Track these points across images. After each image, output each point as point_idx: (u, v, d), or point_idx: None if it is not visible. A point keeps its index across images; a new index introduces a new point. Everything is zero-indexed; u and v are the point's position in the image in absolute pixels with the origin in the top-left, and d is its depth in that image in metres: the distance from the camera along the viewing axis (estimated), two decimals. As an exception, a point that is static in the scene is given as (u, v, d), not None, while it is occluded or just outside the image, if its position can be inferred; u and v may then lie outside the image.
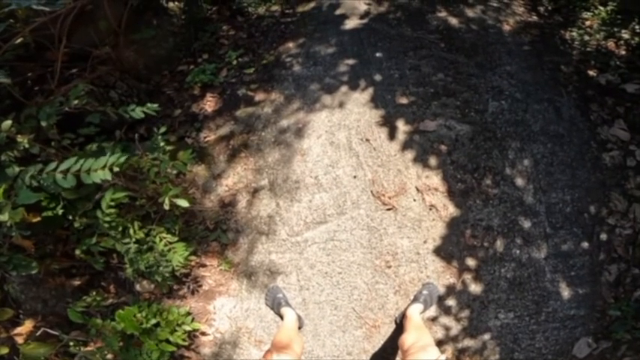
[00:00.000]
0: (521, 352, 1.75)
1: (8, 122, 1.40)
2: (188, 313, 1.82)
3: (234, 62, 2.44)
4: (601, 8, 2.85)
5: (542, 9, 2.91)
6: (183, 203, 1.55)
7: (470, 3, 2.81)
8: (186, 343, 1.75)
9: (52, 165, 1.24)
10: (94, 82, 2.20)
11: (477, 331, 1.79)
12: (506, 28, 2.70)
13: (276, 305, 1.83)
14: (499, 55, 2.49)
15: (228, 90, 2.37)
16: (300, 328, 1.79)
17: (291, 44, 2.52)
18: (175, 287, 1.92)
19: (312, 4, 2.78)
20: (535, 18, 2.83)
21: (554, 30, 2.74)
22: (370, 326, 1.82)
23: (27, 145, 1.46)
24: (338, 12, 2.70)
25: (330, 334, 1.84)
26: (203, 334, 1.87)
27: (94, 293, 1.77)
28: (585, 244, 1.92)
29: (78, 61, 2.22)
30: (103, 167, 1.24)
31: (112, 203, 1.51)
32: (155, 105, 1.58)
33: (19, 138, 1.47)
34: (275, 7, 2.77)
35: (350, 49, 2.45)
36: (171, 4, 2.59)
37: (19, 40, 1.70)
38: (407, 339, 1.38)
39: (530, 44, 2.61)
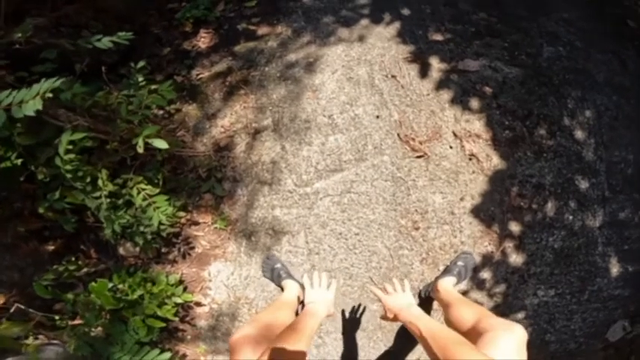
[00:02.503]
0: (554, 333, 1.52)
1: None
2: (180, 282, 1.54)
3: (234, -5, 2.09)
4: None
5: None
6: (161, 144, 1.22)
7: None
8: (176, 318, 1.48)
9: None
10: (60, 21, 1.87)
11: (511, 310, 1.51)
12: (560, -29, 2.33)
13: (275, 277, 1.50)
14: (553, 1, 2.13)
15: (226, 25, 2.02)
16: (301, 303, 1.44)
17: (302, -26, 2.15)
18: (164, 250, 1.62)
19: None
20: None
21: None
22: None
23: None
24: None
25: (343, 307, 1.51)
26: (198, 304, 1.58)
27: (65, 262, 1.50)
28: None
29: (42, 3, 1.88)
30: (35, 97, 0.97)
31: (71, 147, 1.19)
32: (128, 34, 1.25)
33: None
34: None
35: (372, -20, 2.08)
36: None
37: None
38: (463, 316, 1.07)
39: None
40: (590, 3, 2.18)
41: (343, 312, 1.53)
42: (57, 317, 1.34)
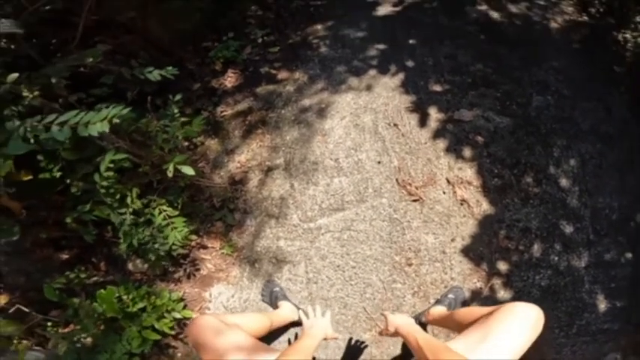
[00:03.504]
0: None
1: (14, 75, 1.29)
2: (180, 299, 1.64)
3: (260, 40, 2.34)
4: (656, 13, 2.63)
5: (593, 10, 2.70)
6: (188, 171, 1.40)
7: (513, -2, 2.64)
8: (173, 332, 1.57)
9: (51, 117, 1.12)
10: (117, 49, 2.12)
11: None
12: (554, 25, 2.52)
13: (273, 300, 1.64)
14: (545, 50, 2.30)
15: (251, 67, 2.26)
16: (295, 324, 1.58)
17: (319, 26, 2.40)
18: (170, 269, 1.76)
19: (344, -10, 2.67)
20: (585, 18, 2.63)
21: (605, 31, 2.53)
22: (382, 330, 1.60)
23: (31, 99, 1.35)
24: (371, -2, 2.58)
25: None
26: None
27: (77, 270, 1.61)
28: (629, 255, 1.72)
29: (105, 30, 2.15)
30: (103, 120, 1.11)
31: (112, 165, 1.36)
32: (174, 69, 1.45)
33: (25, 92, 1.37)
34: (306, -10, 2.67)
35: (381, 34, 2.31)
36: (201, -20, 2.53)
37: (48, 7, 1.63)
38: (473, 311, 1.14)
39: (579, 43, 2.41)
40: (580, 50, 2.34)
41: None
42: (49, 324, 1.38)
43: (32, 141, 1.12)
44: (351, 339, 1.63)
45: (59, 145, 1.26)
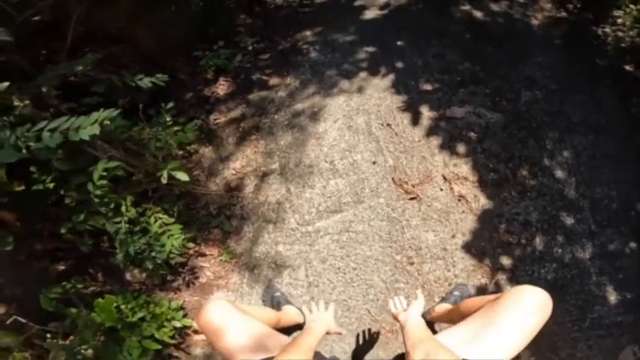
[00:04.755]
0: None
1: (5, 84, 1.28)
2: (180, 308, 1.61)
3: (250, 48, 2.36)
4: (632, 6, 2.71)
5: (570, 6, 2.78)
6: (182, 177, 1.38)
7: (495, -3, 2.70)
8: (173, 342, 1.53)
9: (42, 124, 1.11)
10: (107, 59, 2.12)
11: None
12: (535, 22, 2.58)
13: (275, 305, 1.61)
14: (529, 47, 2.35)
15: (242, 74, 2.27)
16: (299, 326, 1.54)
17: (308, 32, 2.42)
18: (169, 278, 1.73)
19: (331, -4, 2.71)
20: (564, 14, 2.71)
21: (585, 26, 2.60)
22: (386, 331, 1.58)
23: (22, 109, 1.34)
24: (357, 3, 2.62)
25: (340, 338, 1.60)
26: (195, 332, 1.65)
27: (74, 280, 1.57)
28: (633, 245, 1.70)
29: (94, 40, 2.15)
30: (93, 123, 1.10)
31: (105, 174, 1.34)
32: (164, 76, 1.45)
33: (16, 102, 1.35)
34: (293, -2, 2.71)
35: (370, 37, 2.34)
36: (189, -11, 2.55)
37: (37, 18, 1.63)
38: (477, 300, 1.11)
39: (561, 38, 2.47)
40: (562, 46, 2.39)
41: (339, 342, 1.62)
42: (48, 335, 1.36)
43: (24, 151, 1.10)
44: (358, 335, 1.59)
45: (52, 155, 1.24)
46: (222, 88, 2.25)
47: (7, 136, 1.12)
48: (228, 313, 1.02)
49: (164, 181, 1.38)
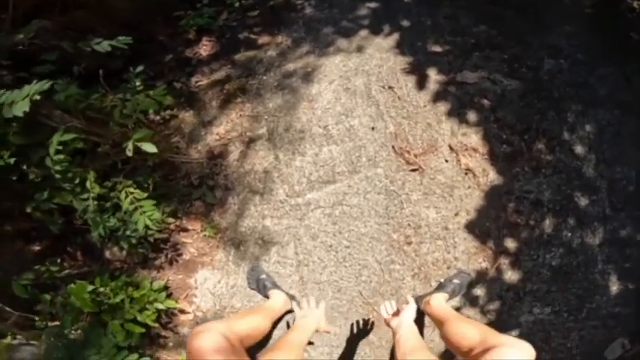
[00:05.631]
0: (549, 351, 1.48)
1: None
2: (165, 288, 1.53)
3: (237, 5, 2.11)
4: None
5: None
6: (150, 148, 1.21)
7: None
8: (156, 324, 1.45)
9: None
10: (67, 25, 1.91)
11: (505, 328, 1.47)
12: (563, -14, 2.31)
13: (262, 288, 1.50)
14: (555, 15, 2.11)
15: (228, 34, 2.04)
16: (288, 312, 1.45)
17: (304, -13, 2.17)
18: (151, 256, 1.61)
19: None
20: (597, -19, 2.43)
21: (619, -3, 2.34)
22: (379, 315, 1.45)
23: None
24: (361, -43, 2.35)
25: (330, 320, 1.48)
26: (182, 311, 1.56)
27: (48, 263, 1.50)
28: None
29: (51, 7, 1.93)
30: (24, 98, 1.00)
31: (61, 148, 1.19)
32: (127, 38, 1.26)
33: None
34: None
35: (373, -8, 2.09)
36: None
37: None
38: (466, 333, 1.02)
39: (592, 7, 2.22)
40: (593, 16, 2.16)
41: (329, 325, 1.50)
42: (36, 318, 1.33)
43: None
44: (352, 325, 1.50)
45: (7, 129, 1.18)
46: (205, 48, 2.03)
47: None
48: (221, 348, 0.91)
49: (129, 153, 1.22)
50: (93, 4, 1.98)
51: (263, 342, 1.33)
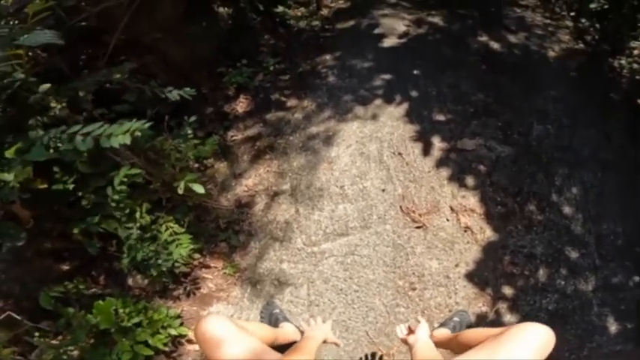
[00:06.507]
0: None
1: (47, 85, 1.32)
2: (178, 316, 1.62)
3: (271, 68, 2.46)
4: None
5: (588, 37, 2.81)
6: (199, 189, 1.45)
7: (512, 30, 2.75)
8: (166, 349, 1.54)
9: (76, 127, 1.15)
10: (139, 69, 2.21)
11: None
12: (551, 54, 2.62)
13: (273, 322, 1.62)
14: (544, 79, 2.39)
15: (262, 93, 2.36)
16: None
17: (327, 56, 2.52)
18: (171, 286, 1.74)
19: (351, 22, 2.81)
20: (581, 46, 2.74)
21: (601, 57, 2.64)
22: (383, 354, 1.60)
23: (58, 111, 1.40)
24: (376, 31, 2.71)
25: (336, 359, 1.62)
26: (189, 341, 1.65)
27: (76, 281, 1.59)
28: (637, 278, 1.72)
29: (130, 49, 2.26)
30: (125, 133, 1.14)
31: (125, 180, 1.41)
32: (192, 90, 1.48)
33: (53, 103, 1.43)
34: (315, 22, 2.82)
35: (386, 64, 2.41)
36: (221, 10, 2.69)
37: (83, 23, 1.73)
38: (479, 332, 1.10)
39: (576, 70, 2.51)
40: (577, 78, 2.42)
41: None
42: (37, 333, 1.36)
43: (52, 150, 1.15)
44: (361, 359, 1.61)
45: (77, 157, 1.31)
46: (241, 105, 2.35)
47: (40, 136, 1.17)
48: (227, 326, 1.02)
49: (180, 191, 1.44)
50: (160, 52, 2.24)
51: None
